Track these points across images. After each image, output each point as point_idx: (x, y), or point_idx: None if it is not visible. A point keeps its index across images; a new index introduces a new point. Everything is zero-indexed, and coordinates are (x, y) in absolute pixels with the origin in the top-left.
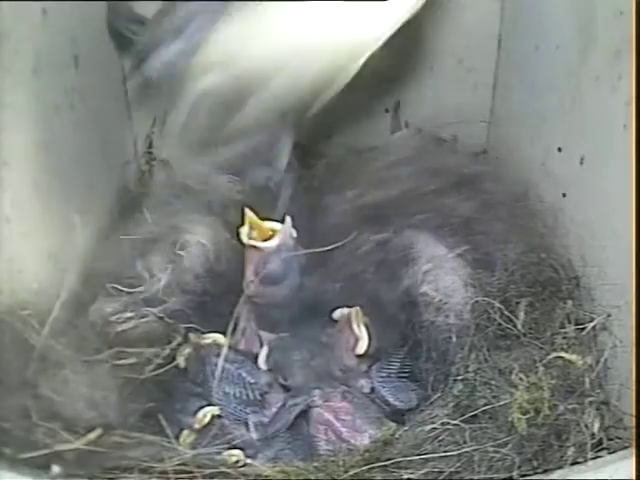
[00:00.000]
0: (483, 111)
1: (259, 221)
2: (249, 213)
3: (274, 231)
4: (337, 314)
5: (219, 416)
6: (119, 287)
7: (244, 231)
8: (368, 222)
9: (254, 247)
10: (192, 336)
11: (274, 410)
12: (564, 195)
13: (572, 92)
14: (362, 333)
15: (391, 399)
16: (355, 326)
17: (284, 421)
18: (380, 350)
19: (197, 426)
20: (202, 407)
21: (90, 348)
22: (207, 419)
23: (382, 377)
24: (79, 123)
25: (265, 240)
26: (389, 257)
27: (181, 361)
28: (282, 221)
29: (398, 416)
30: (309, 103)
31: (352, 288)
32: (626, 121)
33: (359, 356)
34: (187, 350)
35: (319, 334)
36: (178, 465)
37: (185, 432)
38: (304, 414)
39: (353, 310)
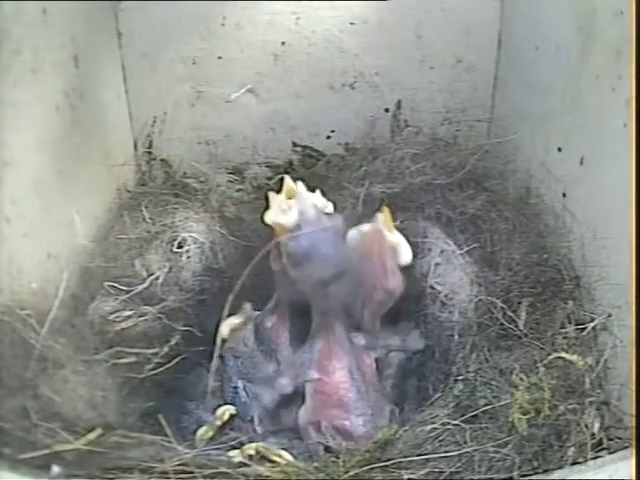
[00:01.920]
0: (483, 111)
1: (295, 186)
2: (288, 180)
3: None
4: (353, 236)
5: (235, 415)
6: (118, 286)
7: (276, 200)
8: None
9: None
10: (248, 306)
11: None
12: (564, 195)
13: (572, 92)
14: (399, 238)
15: None
16: (387, 233)
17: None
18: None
19: (218, 423)
20: (220, 405)
21: (89, 347)
22: (226, 416)
23: None
24: (79, 123)
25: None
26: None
27: (225, 330)
28: None
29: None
30: None
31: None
32: (626, 120)
33: (404, 269)
34: (237, 321)
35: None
36: (178, 465)
37: (204, 428)
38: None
39: (379, 215)
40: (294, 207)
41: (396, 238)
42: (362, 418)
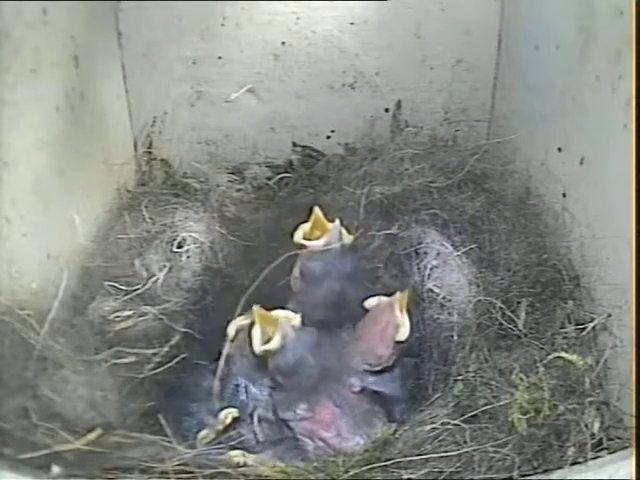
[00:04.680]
0: (483, 111)
1: (325, 220)
2: (317, 211)
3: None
4: (372, 302)
5: (238, 418)
6: (118, 286)
7: (303, 228)
8: (375, 218)
9: (302, 245)
10: (256, 309)
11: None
12: (564, 195)
13: (572, 92)
14: (405, 319)
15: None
16: (398, 310)
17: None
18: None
19: (220, 427)
20: (223, 408)
21: (89, 347)
22: (228, 420)
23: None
24: (79, 123)
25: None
26: (397, 252)
27: (231, 330)
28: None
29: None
30: None
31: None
32: (626, 121)
33: (397, 343)
34: (245, 321)
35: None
36: (178, 465)
37: (205, 431)
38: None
39: (399, 294)
40: (277, 333)
41: (402, 318)
42: (352, 435)
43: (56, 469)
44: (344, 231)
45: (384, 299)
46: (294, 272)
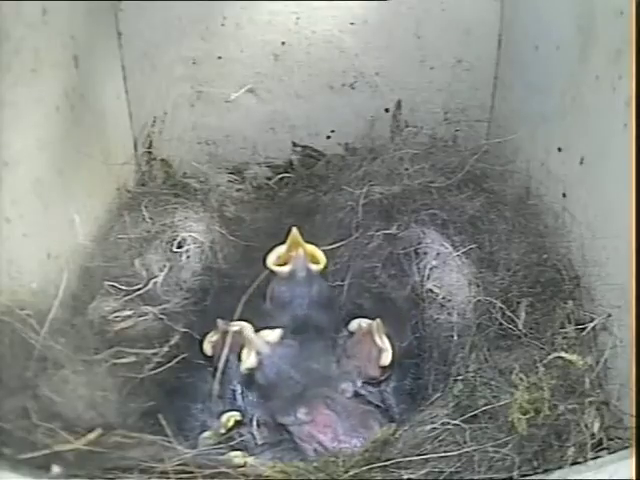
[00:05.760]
0: (483, 111)
1: (300, 243)
2: (294, 233)
3: (314, 257)
4: (354, 325)
5: (241, 421)
6: (118, 286)
7: (277, 250)
8: (375, 218)
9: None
10: (220, 322)
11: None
12: (564, 195)
13: (572, 92)
14: (385, 344)
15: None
16: (377, 338)
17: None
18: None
19: (223, 430)
20: (225, 411)
21: (89, 347)
22: (231, 423)
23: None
24: (79, 123)
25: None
26: (396, 252)
27: (207, 348)
28: None
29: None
30: None
31: (360, 284)
32: (626, 121)
33: (383, 367)
34: (215, 337)
35: (331, 338)
36: (178, 465)
37: (207, 433)
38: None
39: (374, 323)
40: (251, 352)
41: (383, 344)
42: (350, 438)
43: (56, 469)
44: (319, 255)
45: (363, 323)
46: (267, 293)
